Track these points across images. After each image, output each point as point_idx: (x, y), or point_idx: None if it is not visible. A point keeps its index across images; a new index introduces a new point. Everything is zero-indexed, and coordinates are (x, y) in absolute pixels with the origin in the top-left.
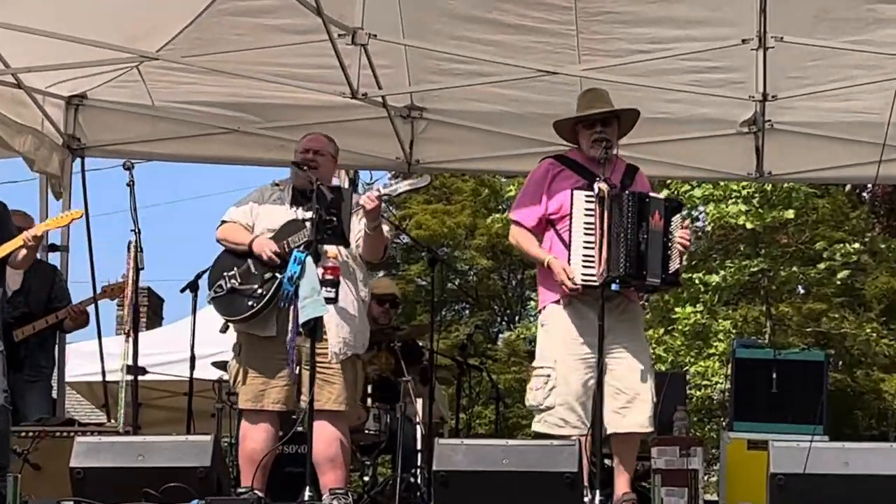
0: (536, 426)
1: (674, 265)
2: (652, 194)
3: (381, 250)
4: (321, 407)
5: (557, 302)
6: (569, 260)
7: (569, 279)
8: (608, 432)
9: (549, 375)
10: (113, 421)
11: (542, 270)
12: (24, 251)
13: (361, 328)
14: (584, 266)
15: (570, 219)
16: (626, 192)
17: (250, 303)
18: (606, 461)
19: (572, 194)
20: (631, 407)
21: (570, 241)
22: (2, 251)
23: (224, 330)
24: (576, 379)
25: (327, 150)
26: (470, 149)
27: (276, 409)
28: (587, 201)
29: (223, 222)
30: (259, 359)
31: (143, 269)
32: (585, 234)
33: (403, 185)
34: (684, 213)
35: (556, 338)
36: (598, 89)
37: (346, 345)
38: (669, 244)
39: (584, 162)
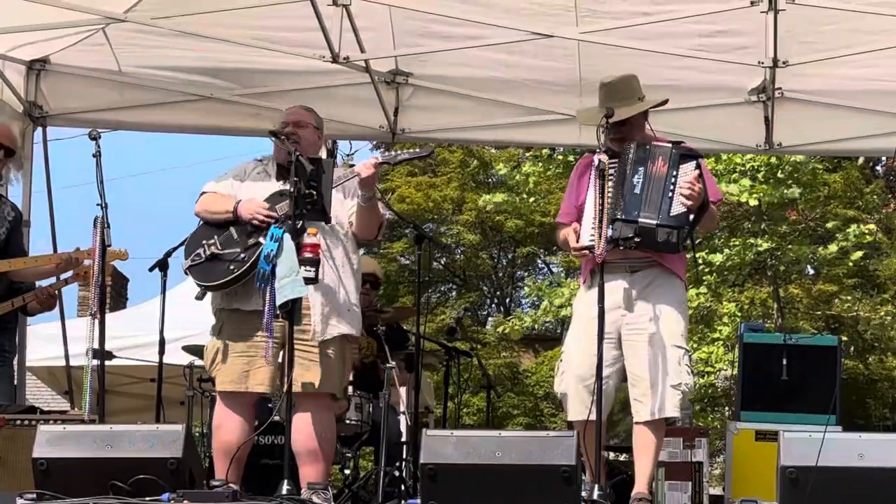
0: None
1: (676, 208)
2: (656, 143)
3: (375, 227)
4: (303, 391)
5: (585, 283)
6: (580, 226)
7: (577, 242)
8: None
9: (562, 361)
10: (77, 409)
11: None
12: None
13: (353, 308)
14: (592, 229)
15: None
16: (631, 143)
17: (231, 266)
18: (610, 454)
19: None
20: (650, 394)
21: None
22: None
23: (201, 296)
24: (587, 363)
25: (308, 121)
26: (458, 117)
27: (259, 390)
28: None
29: (202, 194)
30: (242, 337)
31: (110, 245)
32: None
33: (404, 154)
34: (695, 163)
35: (574, 320)
36: (609, 82)
37: (331, 324)
38: (672, 188)
39: (615, 146)
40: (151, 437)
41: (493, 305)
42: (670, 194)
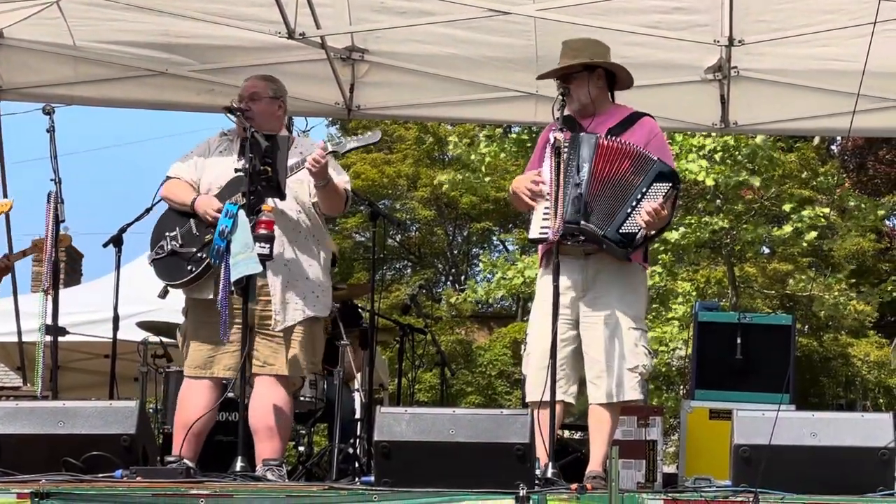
0: None
1: (629, 226)
2: (629, 143)
3: (340, 204)
4: (266, 373)
5: (542, 265)
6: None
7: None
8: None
9: (526, 343)
10: (30, 385)
11: None
12: None
13: (320, 288)
14: (544, 219)
15: None
16: (581, 133)
17: (189, 267)
18: (565, 432)
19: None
20: (605, 377)
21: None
22: None
23: (163, 295)
24: (546, 345)
25: (265, 93)
26: (415, 94)
27: (226, 375)
28: (551, 153)
29: (167, 178)
30: (203, 325)
31: (63, 221)
32: (550, 186)
33: (352, 142)
34: (670, 186)
35: (535, 304)
36: (570, 41)
37: (297, 309)
38: (636, 204)
39: (576, 116)
40: (105, 414)
41: (448, 283)
42: (629, 210)
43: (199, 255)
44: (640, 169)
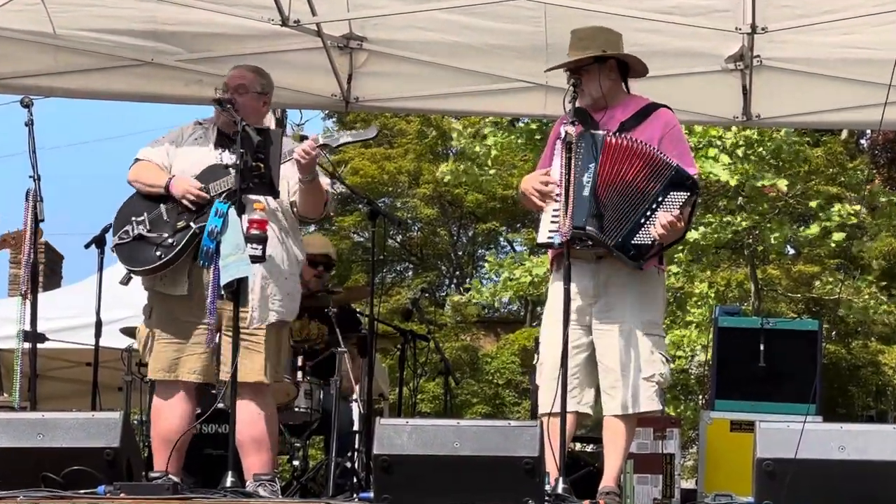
0: None
1: (643, 237)
2: (639, 141)
3: (320, 206)
4: (243, 379)
5: (553, 269)
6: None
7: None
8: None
9: (539, 352)
10: (7, 395)
11: None
12: None
13: (292, 291)
14: (553, 221)
15: None
16: (589, 130)
17: (158, 252)
18: (577, 445)
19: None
20: (619, 386)
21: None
22: None
23: (125, 281)
24: (558, 353)
25: (253, 87)
26: (417, 85)
27: (192, 379)
28: (561, 149)
29: (136, 161)
30: (171, 322)
31: (43, 220)
32: (560, 185)
33: (346, 136)
34: (688, 195)
35: (547, 310)
36: (578, 30)
37: (271, 309)
38: (650, 214)
39: (589, 108)
40: (87, 426)
41: (453, 286)
42: (643, 220)
43: (169, 240)
44: (655, 174)
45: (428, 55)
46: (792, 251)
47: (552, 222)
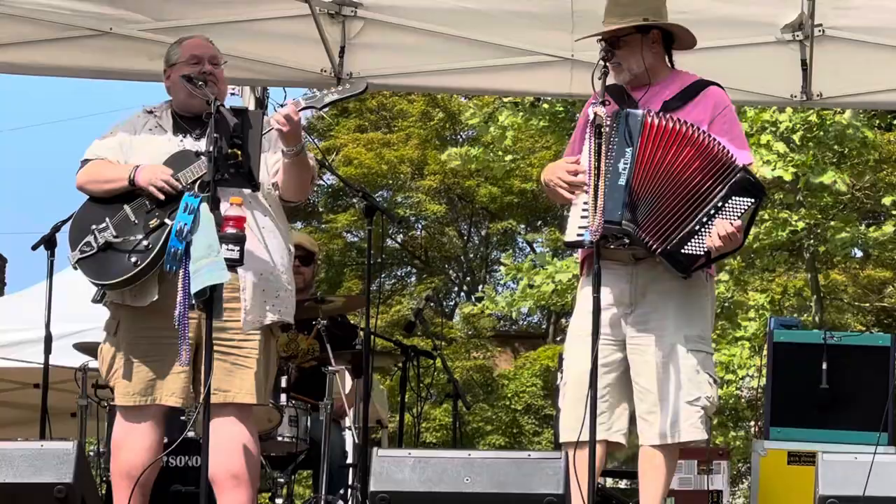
0: None
1: (694, 247)
2: (687, 124)
3: (307, 184)
4: (229, 400)
5: (583, 273)
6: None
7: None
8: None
9: (562, 371)
10: None
11: None
12: None
13: (289, 288)
14: (583, 216)
15: None
16: (626, 109)
17: (133, 259)
18: (607, 481)
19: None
20: (658, 412)
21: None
22: None
23: (99, 299)
24: (585, 370)
25: (220, 57)
26: (420, 58)
27: (171, 403)
28: (590, 133)
29: (84, 163)
30: (144, 336)
31: None
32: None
33: (332, 94)
34: (753, 202)
35: (573, 321)
36: None
37: (268, 309)
38: (707, 220)
39: (628, 86)
40: (35, 458)
41: (462, 294)
42: (698, 227)
43: (144, 243)
44: (714, 171)
45: (434, 24)
46: (859, 253)
47: (582, 217)
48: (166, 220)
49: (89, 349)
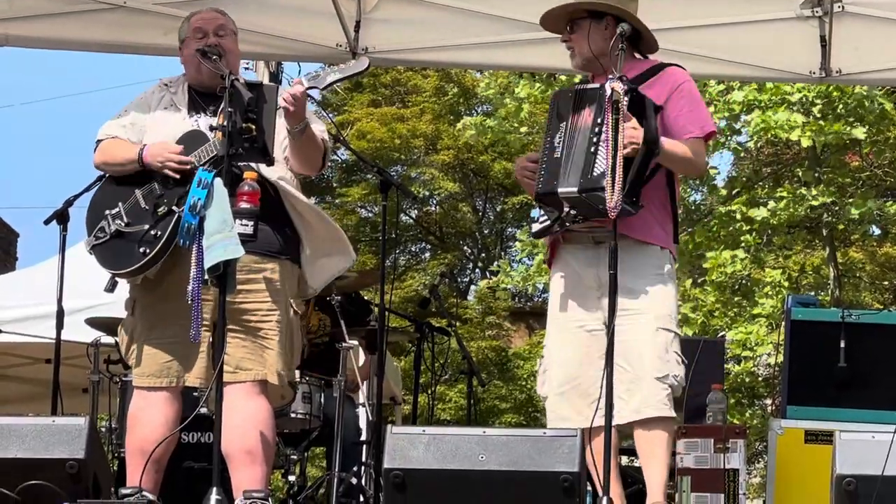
0: None
1: (599, 165)
2: (592, 85)
3: (317, 158)
4: (250, 378)
5: (554, 263)
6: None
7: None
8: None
9: (543, 357)
10: None
11: None
12: None
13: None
14: (539, 207)
15: None
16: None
17: (142, 249)
18: (623, 458)
19: None
20: (633, 389)
21: None
22: None
23: (111, 288)
24: (568, 357)
25: (230, 26)
26: (436, 33)
27: (190, 383)
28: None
29: (98, 143)
30: (163, 315)
31: None
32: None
33: (334, 73)
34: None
35: (550, 309)
36: None
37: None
38: (596, 140)
39: (592, 73)
40: (46, 433)
41: (478, 270)
42: (593, 148)
43: (152, 232)
44: (593, 105)
45: None
46: (878, 231)
47: (538, 207)
48: (174, 208)
49: (102, 324)
